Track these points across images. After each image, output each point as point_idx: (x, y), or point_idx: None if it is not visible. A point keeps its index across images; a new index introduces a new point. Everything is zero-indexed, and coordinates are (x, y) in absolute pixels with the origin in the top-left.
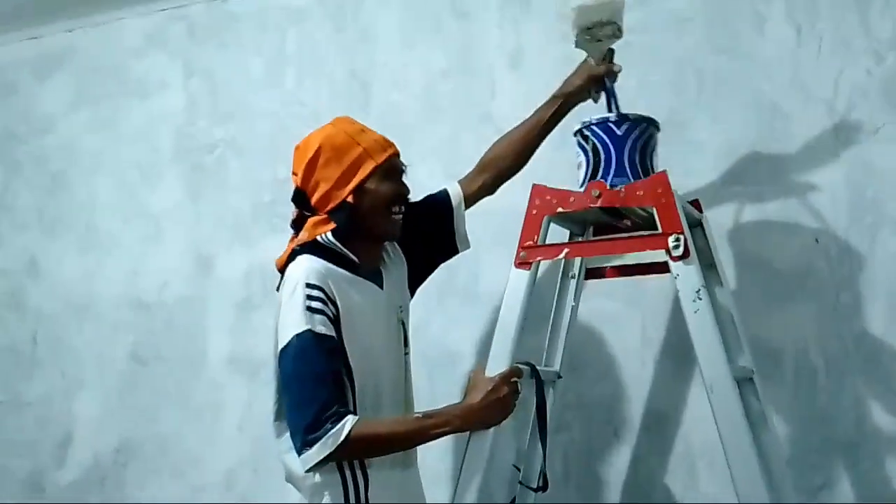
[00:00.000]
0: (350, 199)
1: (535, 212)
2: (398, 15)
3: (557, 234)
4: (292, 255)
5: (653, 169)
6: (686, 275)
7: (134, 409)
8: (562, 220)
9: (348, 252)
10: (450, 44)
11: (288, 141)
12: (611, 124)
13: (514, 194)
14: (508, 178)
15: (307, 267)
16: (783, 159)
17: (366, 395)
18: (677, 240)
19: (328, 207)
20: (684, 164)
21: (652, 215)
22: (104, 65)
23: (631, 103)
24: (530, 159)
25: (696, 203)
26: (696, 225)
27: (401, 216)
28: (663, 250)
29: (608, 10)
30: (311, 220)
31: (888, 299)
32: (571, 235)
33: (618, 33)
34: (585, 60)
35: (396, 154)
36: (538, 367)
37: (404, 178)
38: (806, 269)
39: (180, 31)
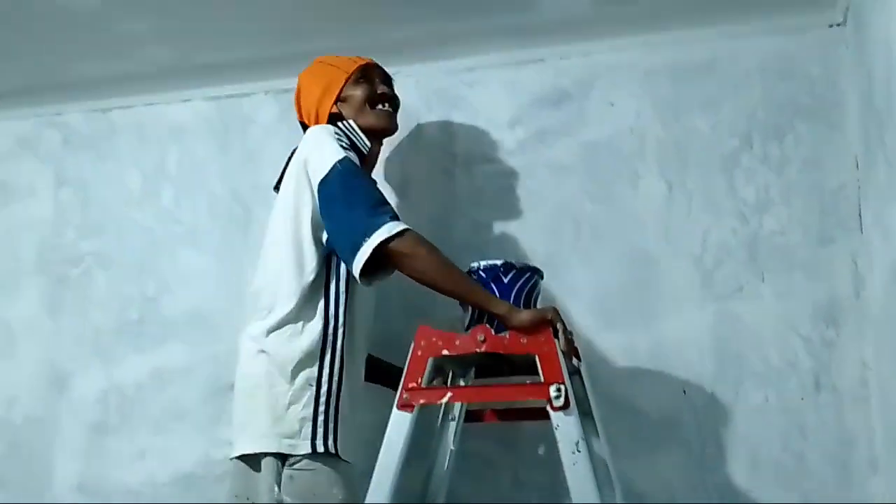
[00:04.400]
0: (334, 109)
1: (420, 353)
2: (285, 140)
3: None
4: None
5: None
6: (566, 426)
7: None
8: (445, 361)
9: (364, 138)
10: None
11: (160, 258)
12: (498, 271)
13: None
14: None
15: (330, 128)
16: (654, 309)
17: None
18: (558, 390)
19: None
20: (560, 306)
21: (534, 360)
22: None
23: (511, 245)
24: None
25: (574, 350)
26: (575, 373)
27: (388, 110)
28: (544, 399)
29: None
30: None
31: (750, 452)
32: (454, 376)
33: None
34: None
35: (370, 64)
36: None
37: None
38: (674, 418)
39: (55, 137)
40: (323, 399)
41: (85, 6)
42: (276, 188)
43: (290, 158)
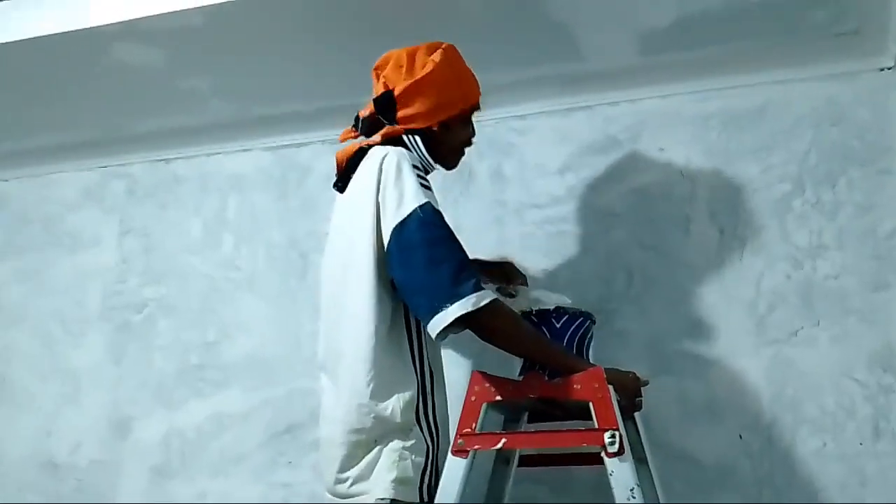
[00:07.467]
0: (435, 127)
1: (474, 398)
2: None
3: None
4: (362, 151)
5: (589, 362)
6: (620, 472)
7: None
8: (498, 406)
9: (432, 163)
10: None
11: (220, 304)
12: (550, 317)
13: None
14: None
15: (408, 154)
16: (708, 354)
17: None
18: (613, 436)
19: (410, 126)
20: (612, 352)
21: (587, 405)
22: (35, 216)
23: (562, 291)
24: None
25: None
26: (629, 418)
27: (464, 154)
28: (599, 446)
29: None
30: (389, 130)
31: (808, 500)
32: (506, 421)
33: None
34: None
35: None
36: None
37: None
38: (730, 464)
39: (119, 188)
40: (431, 449)
41: (149, 65)
42: (340, 188)
43: (356, 155)
